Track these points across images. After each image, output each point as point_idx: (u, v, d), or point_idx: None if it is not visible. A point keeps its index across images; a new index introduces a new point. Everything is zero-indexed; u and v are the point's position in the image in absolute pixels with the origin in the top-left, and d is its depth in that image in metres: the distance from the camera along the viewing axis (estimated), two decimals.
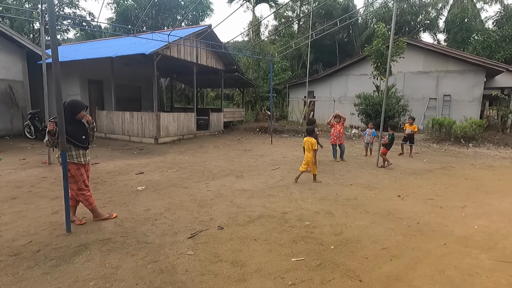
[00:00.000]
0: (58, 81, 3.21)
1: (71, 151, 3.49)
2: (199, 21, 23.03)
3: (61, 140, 3.28)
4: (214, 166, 7.27)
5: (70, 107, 3.50)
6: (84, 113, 3.62)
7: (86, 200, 3.67)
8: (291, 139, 13.13)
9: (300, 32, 26.53)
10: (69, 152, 3.47)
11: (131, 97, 15.04)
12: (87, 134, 3.68)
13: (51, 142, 3.47)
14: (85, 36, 23.55)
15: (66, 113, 3.41)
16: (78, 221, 3.67)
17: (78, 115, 3.55)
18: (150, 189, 5.20)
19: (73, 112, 3.51)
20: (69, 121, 3.46)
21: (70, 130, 3.42)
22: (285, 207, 4.38)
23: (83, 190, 3.63)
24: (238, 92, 24.44)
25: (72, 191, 3.59)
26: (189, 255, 2.94)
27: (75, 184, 3.57)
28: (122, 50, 11.38)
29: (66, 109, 3.43)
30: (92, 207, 3.73)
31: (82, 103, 3.67)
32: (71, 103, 3.54)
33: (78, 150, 3.56)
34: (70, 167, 3.47)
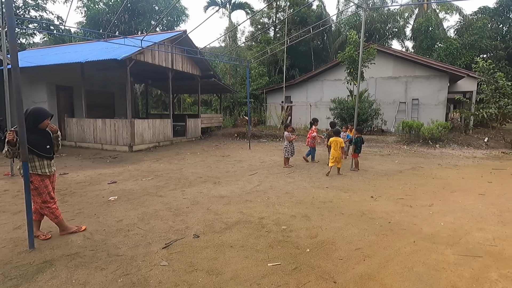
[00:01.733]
0: (18, 88, 3.03)
1: (34, 161, 3.30)
2: (174, 26, 22.77)
3: (22, 150, 3.08)
4: (191, 173, 7.15)
5: (33, 115, 3.30)
6: (48, 122, 3.41)
7: (52, 213, 3.45)
8: (269, 144, 13.23)
9: (276, 38, 26.99)
10: (32, 163, 3.28)
11: (104, 104, 14.51)
12: (51, 143, 3.49)
13: (10, 152, 3.24)
14: (53, 41, 22.48)
15: (29, 122, 3.23)
16: (43, 235, 3.45)
17: (41, 124, 3.35)
18: (123, 199, 5.01)
19: (36, 120, 3.32)
20: (32, 130, 3.26)
21: (33, 139, 3.23)
22: (262, 212, 4.39)
23: (48, 203, 3.41)
24: (216, 98, 24.34)
25: (36, 204, 3.39)
26: (163, 266, 2.85)
27: (39, 197, 3.36)
28: (93, 55, 10.98)
29: (28, 117, 3.24)
30: (59, 221, 3.52)
31: (45, 111, 3.45)
32: (34, 111, 3.33)
33: (42, 161, 3.36)
34: (33, 178, 3.28)
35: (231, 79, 23.05)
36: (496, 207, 4.64)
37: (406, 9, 24.65)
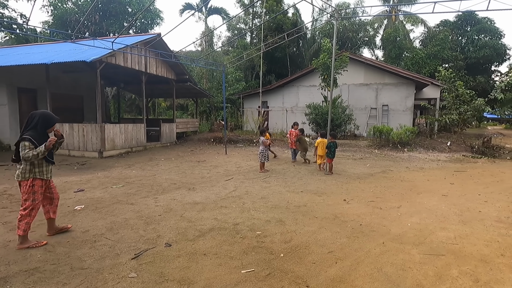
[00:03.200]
0: None
1: (42, 166, 3.34)
2: (148, 29, 22.26)
3: None
4: (165, 179, 6.96)
5: (43, 120, 3.32)
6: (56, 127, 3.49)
7: (28, 223, 3.30)
8: (246, 149, 13.22)
9: (252, 44, 27.22)
10: (41, 167, 3.32)
11: (72, 108, 13.80)
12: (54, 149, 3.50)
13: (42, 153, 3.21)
14: (16, 40, 21.10)
15: (40, 126, 3.28)
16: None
17: (50, 129, 3.39)
18: (91, 207, 4.76)
19: (46, 125, 3.36)
20: (41, 134, 3.30)
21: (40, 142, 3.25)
22: (237, 218, 4.35)
23: (34, 211, 3.34)
24: (192, 102, 24.01)
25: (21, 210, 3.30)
26: (131, 278, 2.72)
27: (31, 202, 3.28)
28: (59, 56, 10.43)
29: (38, 121, 3.27)
30: (25, 234, 3.31)
31: (54, 116, 3.49)
32: (43, 116, 3.35)
33: (48, 166, 3.41)
34: (36, 183, 3.29)
35: (207, 83, 22.89)
36: (457, 207, 4.94)
37: (376, 20, 25.93)
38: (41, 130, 3.31)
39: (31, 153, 3.16)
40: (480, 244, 3.52)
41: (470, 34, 27.33)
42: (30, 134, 3.22)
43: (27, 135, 3.22)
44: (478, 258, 3.18)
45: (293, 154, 9.83)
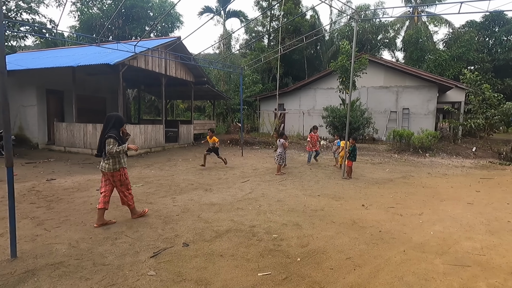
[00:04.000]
0: (5, 91, 2.96)
1: (123, 158, 4.08)
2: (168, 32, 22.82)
3: (7, 155, 3.00)
4: (182, 179, 7.07)
5: (118, 120, 4.06)
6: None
7: (132, 199, 4.24)
8: (262, 151, 13.22)
9: (270, 46, 27.28)
10: (123, 159, 4.07)
11: (95, 109, 14.32)
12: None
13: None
14: (46, 44, 22.26)
15: (117, 126, 3.99)
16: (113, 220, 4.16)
17: (122, 128, 4.10)
18: (112, 206, 4.86)
19: (120, 125, 4.07)
20: (118, 132, 3.99)
21: (121, 139, 3.99)
22: (253, 220, 4.35)
23: (130, 190, 4.23)
24: (209, 104, 24.32)
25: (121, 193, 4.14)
26: (150, 276, 2.78)
27: (125, 186, 4.14)
28: (85, 59, 10.88)
29: (115, 122, 3.99)
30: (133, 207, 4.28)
31: (124, 118, 4.27)
32: (119, 117, 4.10)
33: (124, 157, 4.11)
34: (124, 171, 4.11)
35: (224, 85, 23.13)
36: (484, 216, 4.70)
37: (397, 21, 25.30)
38: (117, 129, 4.00)
39: (115, 149, 3.83)
40: (510, 256, 3.33)
41: (498, 35, 26.10)
42: (114, 132, 3.89)
43: (112, 133, 3.87)
44: (507, 271, 3.01)
45: (309, 157, 9.77)
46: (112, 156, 3.91)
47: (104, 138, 3.88)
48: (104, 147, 3.89)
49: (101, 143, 3.94)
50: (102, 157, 3.99)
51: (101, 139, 3.95)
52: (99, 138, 4.00)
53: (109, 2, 20.02)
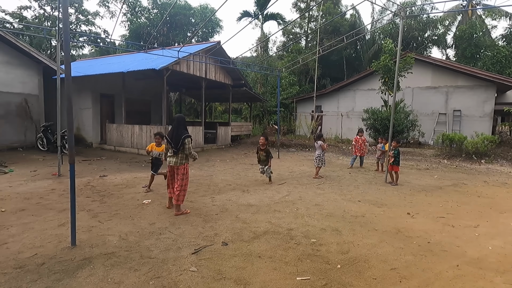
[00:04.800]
0: (70, 96, 3.30)
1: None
2: (208, 37, 23.67)
3: (70, 153, 3.34)
4: (221, 180, 7.26)
5: (184, 120, 4.71)
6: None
7: (184, 195, 4.66)
8: (299, 154, 13.07)
9: (307, 47, 26.93)
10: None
11: (141, 111, 15.34)
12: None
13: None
14: (99, 52, 24.44)
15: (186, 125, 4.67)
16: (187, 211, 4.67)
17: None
18: (156, 202, 5.20)
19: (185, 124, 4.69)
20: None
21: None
22: (291, 223, 4.31)
23: (187, 187, 4.73)
24: (246, 106, 24.68)
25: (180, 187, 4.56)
26: (192, 272, 2.89)
27: (185, 181, 4.65)
28: (133, 65, 11.73)
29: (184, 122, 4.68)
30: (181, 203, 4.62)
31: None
32: (184, 118, 4.78)
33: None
34: (188, 167, 4.73)
35: (261, 88, 23.31)
36: None
37: (448, 16, 23.40)
38: (186, 129, 4.64)
39: (192, 149, 4.60)
40: None
41: None
42: (188, 132, 4.58)
43: (188, 133, 4.58)
44: None
45: (352, 161, 9.49)
46: (184, 152, 4.55)
47: (183, 137, 4.47)
48: (181, 144, 4.48)
49: (178, 140, 4.48)
50: (174, 153, 4.55)
51: (177, 137, 4.49)
52: (174, 136, 4.52)
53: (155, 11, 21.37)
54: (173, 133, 4.59)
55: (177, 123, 4.63)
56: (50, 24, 22.56)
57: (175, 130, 4.59)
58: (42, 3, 22.55)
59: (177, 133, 4.54)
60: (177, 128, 4.58)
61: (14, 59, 11.53)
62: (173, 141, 4.54)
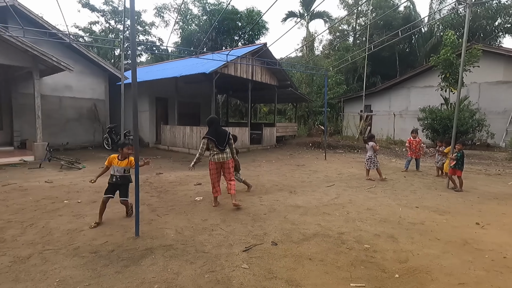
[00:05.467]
0: (135, 100, 3.63)
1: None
2: (254, 40, 24.07)
3: (135, 152, 3.67)
4: (267, 180, 7.32)
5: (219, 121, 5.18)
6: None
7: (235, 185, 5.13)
8: (346, 155, 12.57)
9: (356, 45, 25.77)
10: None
11: (191, 113, 16.21)
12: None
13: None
14: (154, 59, 26.47)
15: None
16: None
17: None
18: (207, 200, 5.44)
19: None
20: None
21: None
22: (341, 227, 4.17)
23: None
24: (290, 107, 24.53)
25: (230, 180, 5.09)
26: (244, 269, 2.97)
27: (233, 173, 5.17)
28: (185, 70, 12.46)
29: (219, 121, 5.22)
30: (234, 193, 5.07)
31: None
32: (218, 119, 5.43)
33: None
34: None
35: (306, 88, 22.97)
36: None
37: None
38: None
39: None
40: None
41: None
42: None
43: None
44: None
45: (407, 163, 8.80)
46: (230, 148, 5.06)
47: (228, 136, 5.00)
48: (227, 140, 4.97)
49: (224, 138, 4.94)
50: (221, 150, 4.92)
51: (222, 135, 4.95)
52: (219, 135, 4.92)
53: (204, 18, 22.46)
54: (216, 132, 4.96)
55: (217, 124, 5.08)
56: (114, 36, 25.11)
57: (217, 129, 5.02)
58: (108, 18, 25.23)
59: (220, 132, 5.00)
60: (218, 128, 5.06)
61: (86, 68, 13.08)
62: (219, 140, 4.91)
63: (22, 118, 11.44)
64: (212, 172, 5.05)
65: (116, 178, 4.19)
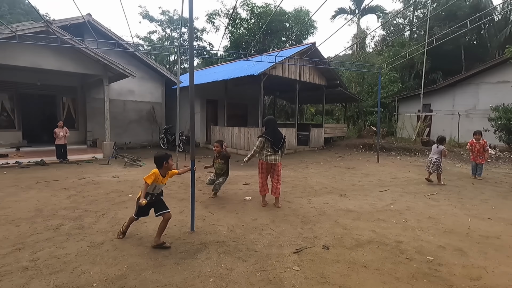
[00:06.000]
0: (192, 103, 3.87)
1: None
2: (302, 40, 23.78)
3: (191, 151, 3.90)
4: (316, 182, 7.17)
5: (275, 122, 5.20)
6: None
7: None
8: (402, 158, 11.69)
9: (413, 39, 23.82)
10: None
11: (239, 114, 16.64)
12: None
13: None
14: (204, 63, 27.79)
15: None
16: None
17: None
18: (256, 199, 5.53)
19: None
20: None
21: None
22: (399, 235, 3.89)
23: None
24: (339, 107, 23.68)
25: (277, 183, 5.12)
26: (295, 271, 2.95)
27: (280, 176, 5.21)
28: (234, 72, 12.84)
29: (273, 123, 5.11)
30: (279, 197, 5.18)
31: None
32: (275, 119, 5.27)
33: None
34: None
35: (356, 87, 21.94)
36: None
37: None
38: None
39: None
40: None
41: None
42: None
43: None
44: None
45: (473, 169, 7.90)
46: (282, 150, 5.11)
47: (284, 137, 5.07)
48: (282, 143, 5.03)
49: (280, 140, 5.00)
50: (274, 151, 4.99)
51: (279, 137, 5.01)
52: (276, 137, 4.98)
53: (252, 21, 22.89)
54: (274, 133, 5.01)
55: (275, 125, 5.10)
56: (169, 43, 27.02)
57: (275, 131, 5.04)
58: (164, 26, 27.25)
59: (278, 134, 5.04)
60: (276, 129, 5.08)
61: (146, 74, 14.29)
62: (276, 141, 4.96)
63: (94, 120, 12.95)
64: (262, 171, 5.11)
65: (153, 196, 3.56)
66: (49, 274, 2.80)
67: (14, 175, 7.35)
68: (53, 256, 3.17)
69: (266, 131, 5.07)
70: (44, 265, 2.97)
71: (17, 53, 8.75)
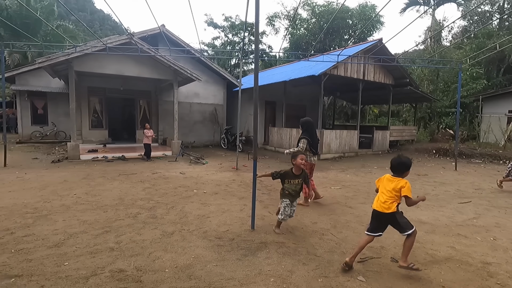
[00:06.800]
0: (256, 105, 3.96)
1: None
2: (366, 37, 22.42)
3: (254, 152, 3.99)
4: None
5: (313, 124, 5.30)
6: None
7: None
8: (487, 166, 10.12)
9: (502, 28, 20.41)
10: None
11: (297, 115, 16.39)
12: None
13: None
14: (263, 65, 28.29)
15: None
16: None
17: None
18: (315, 203, 5.39)
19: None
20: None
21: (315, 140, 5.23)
22: (486, 255, 3.36)
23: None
24: (407, 108, 21.65)
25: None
26: (361, 281, 2.78)
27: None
28: (294, 74, 12.77)
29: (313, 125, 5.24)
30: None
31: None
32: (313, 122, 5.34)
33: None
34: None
35: (429, 86, 19.75)
36: None
37: None
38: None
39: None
40: None
41: None
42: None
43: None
44: None
45: None
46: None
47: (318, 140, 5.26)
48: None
49: (317, 144, 5.22)
50: (314, 154, 5.17)
51: (317, 142, 5.24)
52: (315, 140, 5.16)
53: (313, 21, 22.47)
54: (313, 136, 5.17)
55: (314, 127, 5.25)
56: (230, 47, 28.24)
57: (314, 134, 5.18)
58: (226, 32, 28.61)
59: (316, 137, 5.23)
60: (315, 132, 5.22)
61: (210, 78, 15.19)
62: (314, 143, 5.17)
63: (164, 121, 14.28)
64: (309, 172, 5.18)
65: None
66: (130, 256, 3.17)
67: (102, 168, 8.55)
68: (133, 240, 3.58)
69: (308, 133, 5.14)
70: (126, 248, 3.37)
71: (106, 63, 10.17)
